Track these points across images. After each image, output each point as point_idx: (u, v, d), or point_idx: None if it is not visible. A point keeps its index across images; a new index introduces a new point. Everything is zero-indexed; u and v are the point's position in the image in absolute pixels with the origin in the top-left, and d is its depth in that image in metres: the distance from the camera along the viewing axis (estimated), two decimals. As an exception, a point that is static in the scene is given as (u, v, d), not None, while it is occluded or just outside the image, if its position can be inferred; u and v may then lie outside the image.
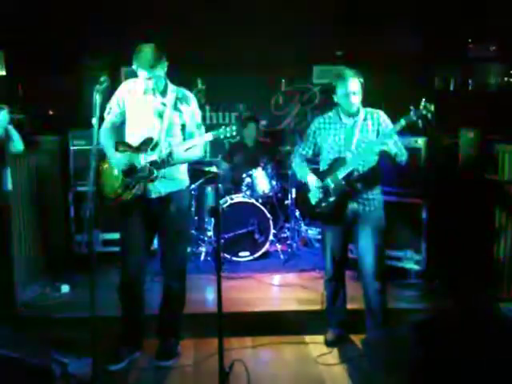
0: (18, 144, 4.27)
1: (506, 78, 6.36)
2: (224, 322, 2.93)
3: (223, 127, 3.34)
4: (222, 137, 3.33)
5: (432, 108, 3.31)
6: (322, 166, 3.70)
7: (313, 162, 3.84)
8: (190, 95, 3.53)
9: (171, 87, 3.46)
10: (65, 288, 4.52)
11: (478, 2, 5.80)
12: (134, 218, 3.49)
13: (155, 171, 3.34)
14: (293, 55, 6.17)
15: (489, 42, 6.20)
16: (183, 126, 3.47)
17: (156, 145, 3.36)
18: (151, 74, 3.28)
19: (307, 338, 3.93)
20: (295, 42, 6.05)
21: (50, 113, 6.25)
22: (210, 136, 3.35)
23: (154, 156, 3.33)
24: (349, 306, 3.88)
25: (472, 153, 4.52)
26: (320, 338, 3.87)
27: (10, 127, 4.12)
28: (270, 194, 5.61)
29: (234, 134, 3.33)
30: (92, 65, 6.16)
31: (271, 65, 6.26)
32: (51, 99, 5.97)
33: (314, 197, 3.65)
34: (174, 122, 3.44)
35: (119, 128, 3.55)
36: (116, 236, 4.67)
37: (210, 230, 5.46)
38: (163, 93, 3.42)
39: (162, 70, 3.35)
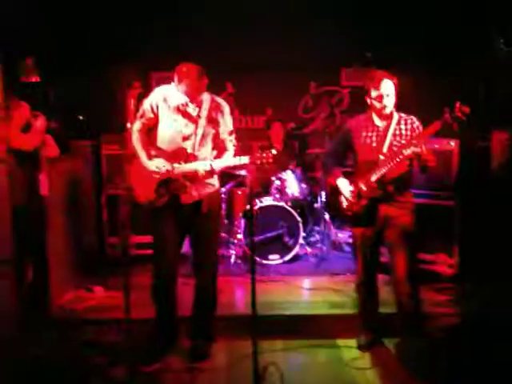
0: (53, 149, 4.38)
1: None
2: (256, 325, 2.94)
3: (260, 151, 3.30)
4: (258, 162, 3.27)
5: (467, 110, 3.27)
6: (354, 169, 3.69)
7: (344, 164, 3.83)
8: (224, 103, 3.55)
9: (205, 96, 3.47)
10: (99, 290, 4.60)
11: (508, 5, 5.71)
12: (166, 220, 3.52)
13: (188, 183, 3.37)
14: (322, 57, 6.15)
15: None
16: (216, 135, 3.50)
17: (190, 156, 3.39)
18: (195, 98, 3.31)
19: (339, 342, 3.91)
20: (324, 43, 6.03)
21: (80, 118, 6.34)
22: (246, 159, 3.31)
23: (187, 168, 3.37)
24: (381, 310, 3.84)
25: (505, 155, 4.46)
26: (352, 342, 3.85)
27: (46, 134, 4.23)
28: (300, 197, 5.61)
29: (271, 160, 3.25)
30: (124, 70, 6.24)
31: (300, 67, 6.26)
32: (83, 104, 6.07)
33: (346, 200, 3.65)
34: (208, 132, 3.46)
35: (151, 130, 3.56)
36: (147, 239, 4.73)
37: (239, 233, 5.48)
38: (199, 103, 3.43)
39: (203, 91, 3.37)
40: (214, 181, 3.60)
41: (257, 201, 5.44)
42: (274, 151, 3.29)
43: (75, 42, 5.92)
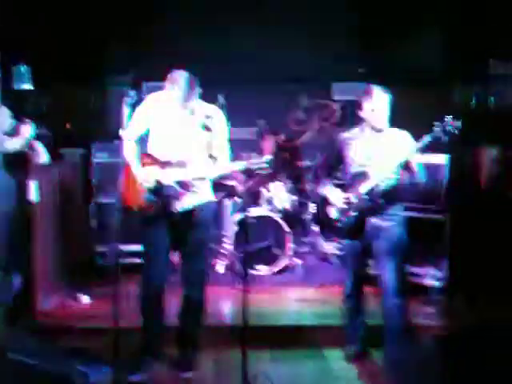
0: (42, 156, 4.36)
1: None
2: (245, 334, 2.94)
3: (257, 156, 3.32)
4: (253, 167, 3.29)
5: (459, 124, 3.31)
6: (345, 181, 3.71)
7: (335, 176, 3.85)
8: (219, 112, 3.54)
9: (200, 104, 3.47)
10: (85, 299, 4.57)
11: (499, 18, 5.81)
12: (157, 229, 3.51)
13: (181, 190, 3.37)
14: (314, 71, 6.21)
15: (510, 57, 6.18)
16: (210, 143, 3.49)
17: (183, 164, 3.39)
18: (186, 105, 3.33)
19: (327, 353, 3.92)
20: (317, 57, 6.10)
21: (67, 126, 6.32)
22: (241, 165, 3.31)
23: (181, 175, 3.36)
24: (369, 322, 3.85)
25: (495, 170, 4.51)
26: (340, 353, 3.85)
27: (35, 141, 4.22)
28: (289, 208, 5.62)
29: (266, 166, 3.28)
30: (115, 79, 6.25)
31: (292, 80, 6.31)
32: (75, 112, 6.07)
33: (336, 212, 3.66)
34: (201, 139, 3.46)
35: (144, 138, 3.56)
36: (135, 248, 4.72)
37: (227, 243, 5.47)
38: (192, 111, 3.44)
39: (195, 98, 3.38)
40: (207, 189, 3.59)
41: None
42: (268, 157, 3.31)
43: (68, 51, 5.94)
